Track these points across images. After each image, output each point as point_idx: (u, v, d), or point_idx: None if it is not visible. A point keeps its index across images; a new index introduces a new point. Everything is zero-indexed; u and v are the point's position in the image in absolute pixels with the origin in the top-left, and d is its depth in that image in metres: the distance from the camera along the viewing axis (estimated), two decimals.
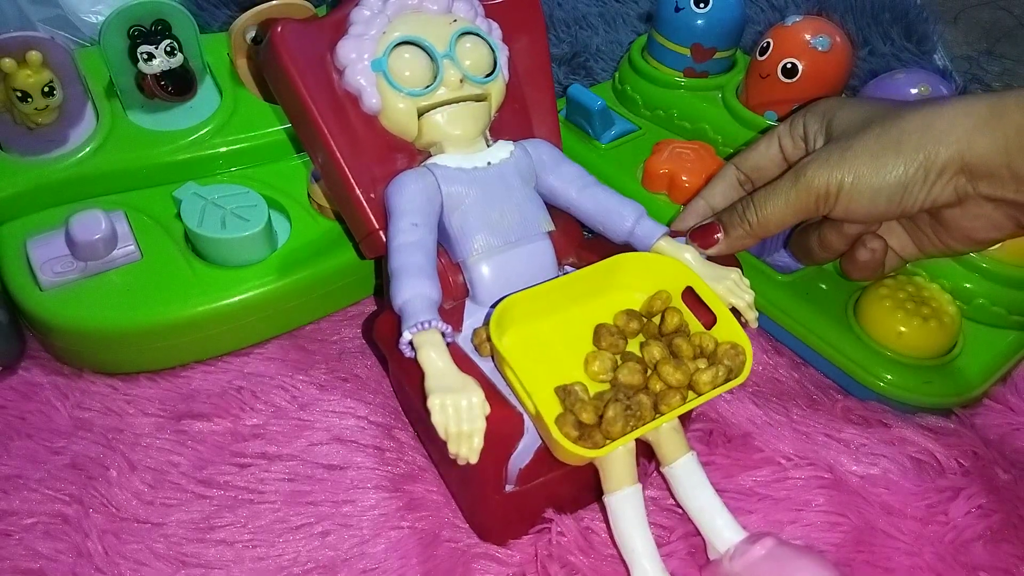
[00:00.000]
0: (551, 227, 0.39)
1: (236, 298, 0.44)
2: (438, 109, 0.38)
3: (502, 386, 0.35)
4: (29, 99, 0.45)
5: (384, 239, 0.38)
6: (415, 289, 0.34)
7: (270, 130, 0.51)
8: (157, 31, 0.48)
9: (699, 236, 0.41)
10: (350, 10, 0.39)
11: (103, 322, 0.43)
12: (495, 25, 0.41)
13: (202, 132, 0.50)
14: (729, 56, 0.58)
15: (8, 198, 0.46)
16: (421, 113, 0.38)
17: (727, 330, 0.36)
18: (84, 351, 0.45)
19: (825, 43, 0.52)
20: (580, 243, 0.41)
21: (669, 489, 0.37)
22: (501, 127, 0.41)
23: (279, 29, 0.37)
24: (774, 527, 0.39)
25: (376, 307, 0.51)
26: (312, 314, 0.48)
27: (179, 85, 0.50)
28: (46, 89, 0.45)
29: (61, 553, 0.38)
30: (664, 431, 0.35)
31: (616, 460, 0.35)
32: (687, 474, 0.36)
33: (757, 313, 0.38)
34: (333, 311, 0.49)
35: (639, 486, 0.35)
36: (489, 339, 0.34)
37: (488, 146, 0.40)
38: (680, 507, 0.37)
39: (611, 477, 0.35)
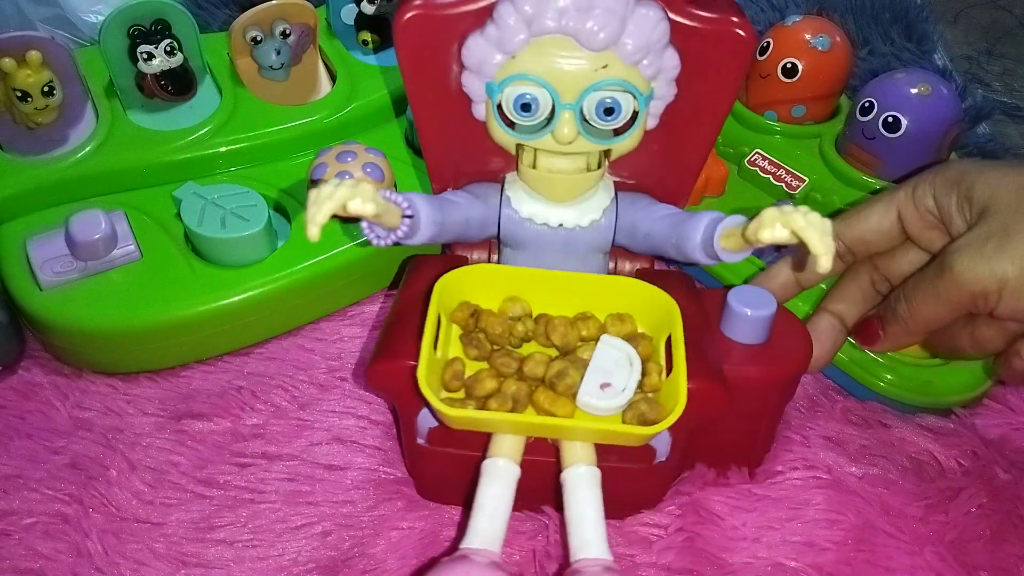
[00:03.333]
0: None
1: (236, 298, 0.44)
2: (542, 153, 0.35)
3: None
4: (29, 99, 0.45)
5: None
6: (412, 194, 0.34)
7: (270, 130, 0.51)
8: (157, 31, 0.48)
9: (862, 333, 0.39)
10: (500, 2, 0.32)
11: (103, 322, 0.43)
12: (671, 59, 0.33)
13: (202, 132, 0.50)
14: None
15: (8, 198, 0.46)
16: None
17: (671, 387, 0.33)
18: (84, 351, 0.45)
19: (825, 43, 0.52)
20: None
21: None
22: (623, 158, 0.36)
23: (404, 20, 0.32)
24: (773, 526, 0.39)
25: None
26: (312, 314, 0.48)
27: (179, 85, 0.50)
28: (46, 89, 0.45)
29: (61, 553, 0.38)
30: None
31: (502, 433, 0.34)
32: (578, 486, 0.33)
33: (829, 250, 0.27)
34: (333, 311, 0.49)
35: (517, 469, 0.33)
36: (417, 284, 0.34)
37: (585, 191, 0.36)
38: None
39: (494, 443, 0.34)
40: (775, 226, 0.28)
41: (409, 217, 0.33)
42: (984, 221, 0.33)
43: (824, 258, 0.27)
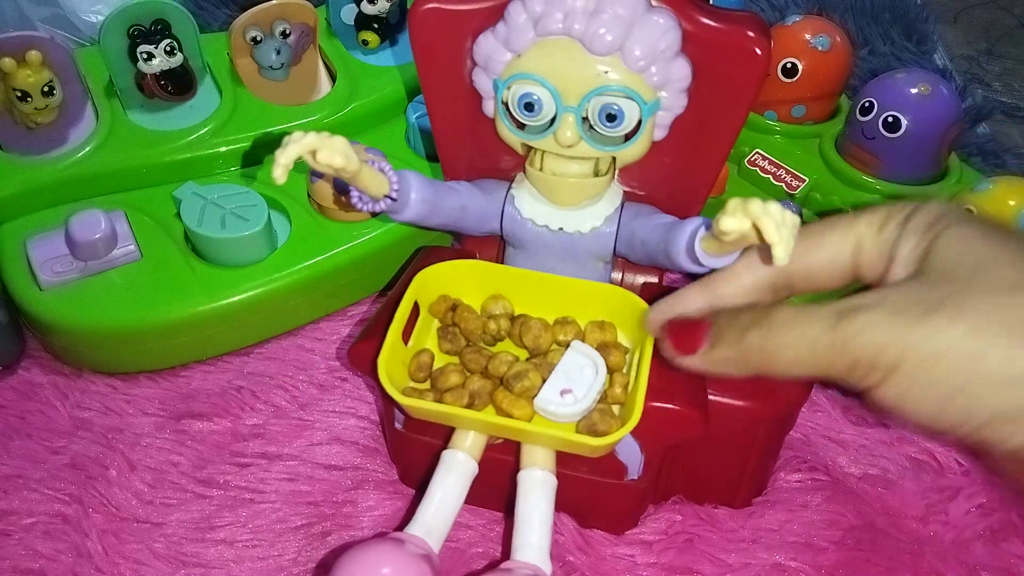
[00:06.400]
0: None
1: (236, 298, 0.44)
2: (548, 156, 0.35)
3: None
4: (29, 99, 0.45)
5: None
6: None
7: (270, 130, 0.51)
8: (157, 31, 0.48)
9: (678, 333, 0.29)
10: (511, 2, 0.32)
11: (103, 322, 0.43)
12: (681, 69, 0.32)
13: (202, 132, 0.50)
14: None
15: (8, 198, 0.46)
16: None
17: (630, 404, 0.32)
18: (84, 351, 0.45)
19: (825, 43, 0.52)
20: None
21: None
22: (633, 168, 0.36)
23: (418, 12, 0.33)
24: (772, 526, 0.39)
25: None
26: (312, 314, 0.48)
27: (179, 85, 0.50)
28: (46, 89, 0.45)
29: (61, 553, 0.38)
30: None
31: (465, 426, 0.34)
32: (531, 489, 0.32)
33: (784, 242, 0.25)
34: (333, 311, 0.49)
35: (474, 465, 0.33)
36: (411, 274, 0.35)
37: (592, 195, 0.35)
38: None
39: (456, 435, 0.34)
40: (736, 215, 0.25)
41: (395, 192, 0.33)
42: (924, 281, 0.25)
43: (779, 248, 0.25)
